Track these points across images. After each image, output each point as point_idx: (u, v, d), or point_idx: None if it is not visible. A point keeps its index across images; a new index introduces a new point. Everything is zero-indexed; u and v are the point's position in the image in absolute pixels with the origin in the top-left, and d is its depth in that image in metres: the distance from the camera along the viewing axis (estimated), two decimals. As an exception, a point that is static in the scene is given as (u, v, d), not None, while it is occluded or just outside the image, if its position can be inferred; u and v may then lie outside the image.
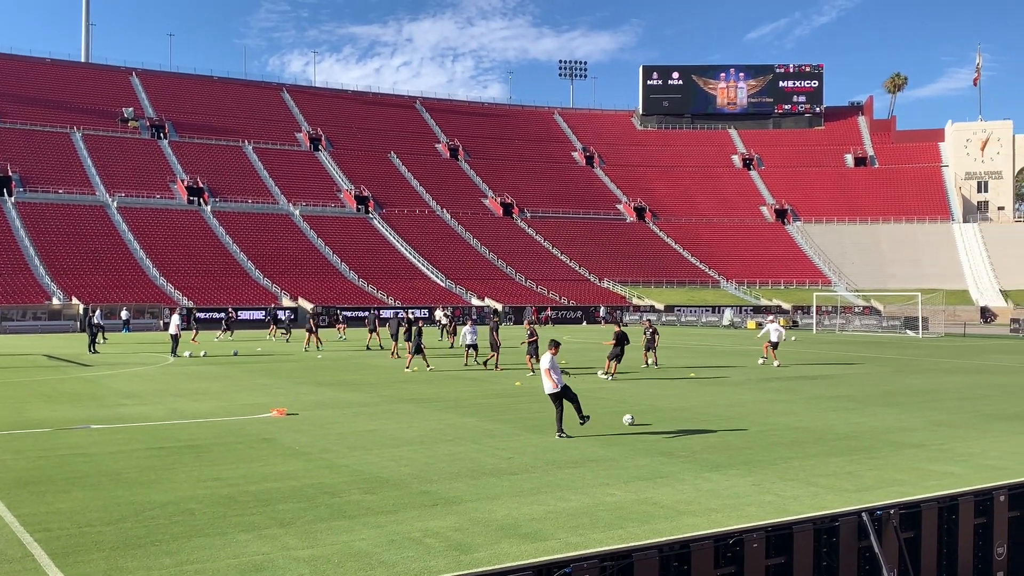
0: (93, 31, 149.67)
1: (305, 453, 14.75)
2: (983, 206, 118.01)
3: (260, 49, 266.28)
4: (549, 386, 16.28)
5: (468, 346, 32.28)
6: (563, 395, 16.23)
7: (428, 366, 30.46)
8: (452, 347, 42.74)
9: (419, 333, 29.83)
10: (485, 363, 31.60)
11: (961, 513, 9.35)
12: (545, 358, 16.53)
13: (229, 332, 52.57)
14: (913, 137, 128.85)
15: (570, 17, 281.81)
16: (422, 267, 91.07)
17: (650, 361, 31.93)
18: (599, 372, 28.80)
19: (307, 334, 43.33)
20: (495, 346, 31.31)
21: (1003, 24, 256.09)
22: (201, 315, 66.69)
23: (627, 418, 18.03)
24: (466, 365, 31.93)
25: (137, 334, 59.20)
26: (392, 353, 36.98)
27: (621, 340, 27.89)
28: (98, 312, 46.76)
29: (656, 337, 32.28)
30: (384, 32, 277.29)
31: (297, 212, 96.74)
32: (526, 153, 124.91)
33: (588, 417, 16.65)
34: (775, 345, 33.10)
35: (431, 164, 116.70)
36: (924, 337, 58.41)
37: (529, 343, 28.93)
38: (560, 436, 16.09)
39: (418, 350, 29.60)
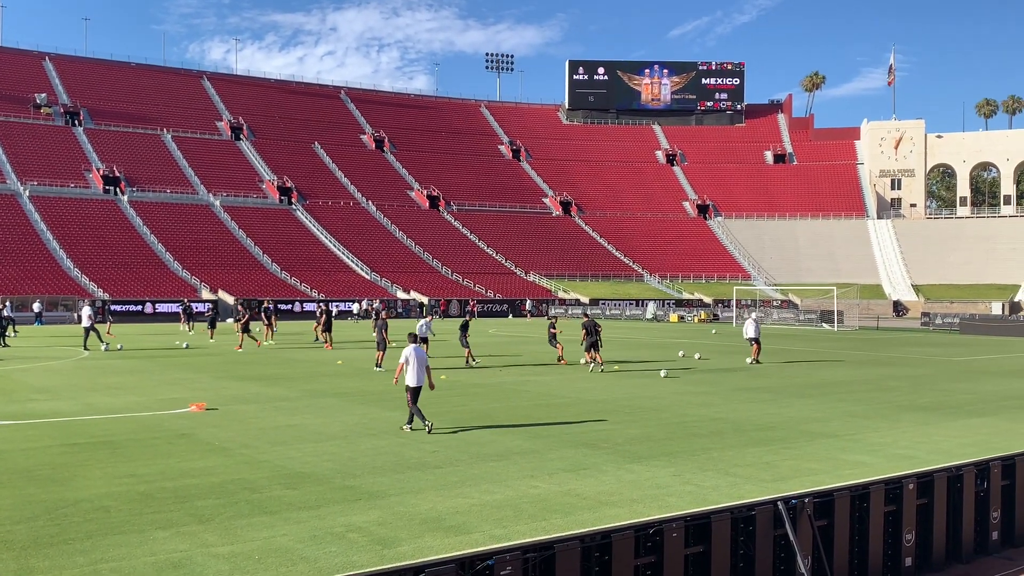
0: (4, 13, 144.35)
1: (225, 448, 14.51)
2: (896, 203, 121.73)
3: (179, 35, 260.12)
4: (411, 380, 16.06)
5: (422, 339, 31.57)
6: (418, 391, 16.16)
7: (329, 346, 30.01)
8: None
9: (384, 327, 28.93)
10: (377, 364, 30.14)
11: (872, 501, 9.66)
12: (405, 352, 16.29)
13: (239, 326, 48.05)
14: (830, 135, 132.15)
15: (496, 10, 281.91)
16: (347, 259, 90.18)
17: (593, 360, 28.57)
18: (582, 361, 29.78)
19: (265, 327, 41.53)
20: (382, 344, 28.77)
21: (916, 25, 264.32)
22: (117, 307, 64.97)
23: (663, 372, 21.66)
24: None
25: (50, 327, 57.43)
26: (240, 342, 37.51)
27: (591, 330, 28.11)
28: (8, 304, 45.21)
29: (599, 333, 28.83)
30: (308, 21, 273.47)
31: (217, 203, 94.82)
32: (453, 146, 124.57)
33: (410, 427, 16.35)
34: (756, 340, 31.75)
35: (356, 155, 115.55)
36: (839, 330, 60.06)
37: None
38: (425, 428, 15.97)
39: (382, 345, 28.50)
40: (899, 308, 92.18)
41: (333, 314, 32.37)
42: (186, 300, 60.59)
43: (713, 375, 27.26)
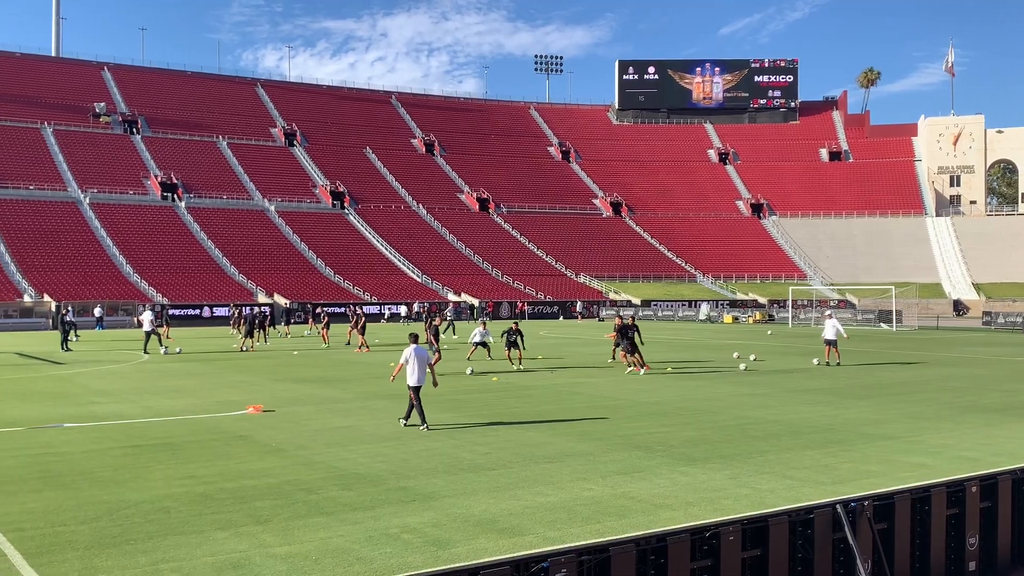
0: (64, 25, 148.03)
1: (282, 450, 14.69)
2: (955, 200, 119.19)
3: (233, 44, 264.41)
4: (411, 379, 16.61)
5: (477, 344, 32.13)
6: (419, 390, 16.69)
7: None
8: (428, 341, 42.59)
9: (436, 332, 29.42)
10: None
11: (934, 504, 9.46)
12: (405, 352, 16.81)
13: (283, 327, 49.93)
14: (886, 132, 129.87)
15: (544, 12, 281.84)
16: (398, 262, 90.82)
17: (630, 363, 28.34)
18: (609, 361, 29.55)
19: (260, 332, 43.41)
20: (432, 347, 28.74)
21: (973, 18, 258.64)
22: (175, 311, 66.18)
23: (742, 366, 20.00)
24: (469, 359, 31.87)
25: (110, 331, 58.68)
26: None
27: (624, 332, 27.91)
28: (70, 309, 46.29)
29: (637, 334, 28.49)
30: (359, 27, 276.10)
31: (272, 208, 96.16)
32: (502, 148, 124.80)
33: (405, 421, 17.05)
34: (834, 343, 30.89)
35: (407, 159, 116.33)
36: (898, 330, 58.97)
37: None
38: (402, 422, 16.88)
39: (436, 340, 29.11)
40: (959, 307, 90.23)
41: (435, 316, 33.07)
42: (232, 304, 61.80)
43: (770, 377, 26.93)
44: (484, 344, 32.19)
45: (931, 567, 9.37)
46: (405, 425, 16.90)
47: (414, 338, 17.31)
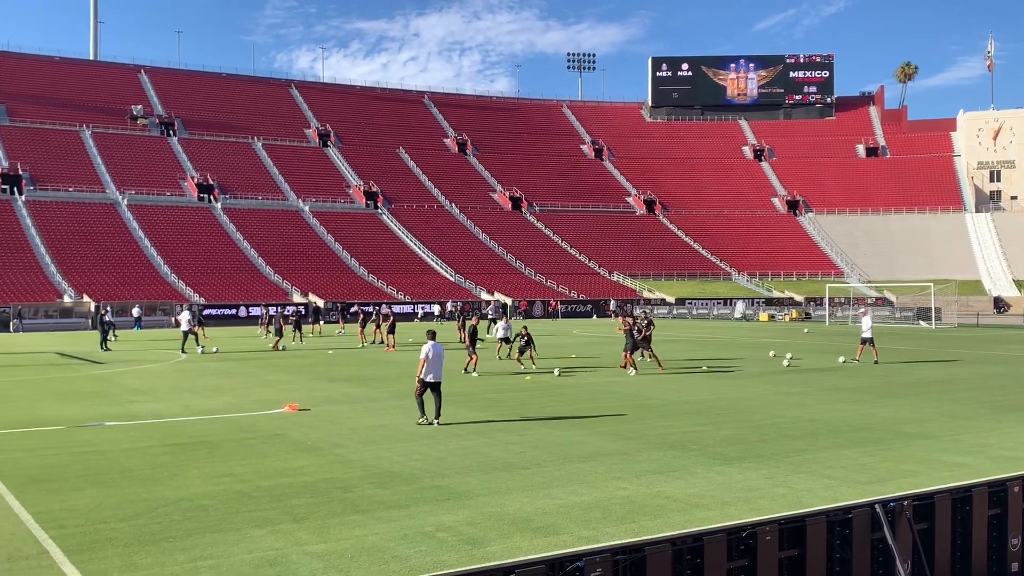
0: (101, 29, 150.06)
1: (317, 448, 14.79)
2: (996, 195, 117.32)
3: (268, 45, 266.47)
4: (427, 375, 17.11)
5: (501, 339, 32.81)
6: (434, 386, 17.14)
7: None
8: (462, 341, 42.74)
9: (474, 331, 28.63)
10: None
11: (975, 504, 9.31)
12: (425, 348, 17.20)
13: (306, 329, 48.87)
14: (925, 127, 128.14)
15: (577, 10, 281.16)
16: (431, 262, 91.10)
17: (647, 356, 29.70)
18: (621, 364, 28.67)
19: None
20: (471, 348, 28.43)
21: (1012, 13, 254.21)
22: (211, 311, 66.85)
23: (785, 362, 20.57)
24: (500, 358, 31.94)
25: (149, 331, 59.42)
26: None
27: (629, 331, 27.93)
28: (109, 310, 46.93)
29: (650, 329, 29.84)
30: (391, 27, 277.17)
31: (307, 208, 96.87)
32: (535, 147, 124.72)
33: (438, 421, 17.14)
34: (871, 340, 30.68)
35: (439, 159, 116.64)
36: (937, 328, 58.17)
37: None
38: (435, 422, 17.02)
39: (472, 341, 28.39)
40: (1000, 304, 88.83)
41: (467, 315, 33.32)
42: (263, 305, 62.44)
43: (806, 375, 26.68)
44: (507, 339, 32.50)
45: (972, 568, 9.22)
46: (429, 422, 17.09)
47: (432, 335, 17.73)
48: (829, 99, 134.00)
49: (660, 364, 28.38)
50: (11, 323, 60.61)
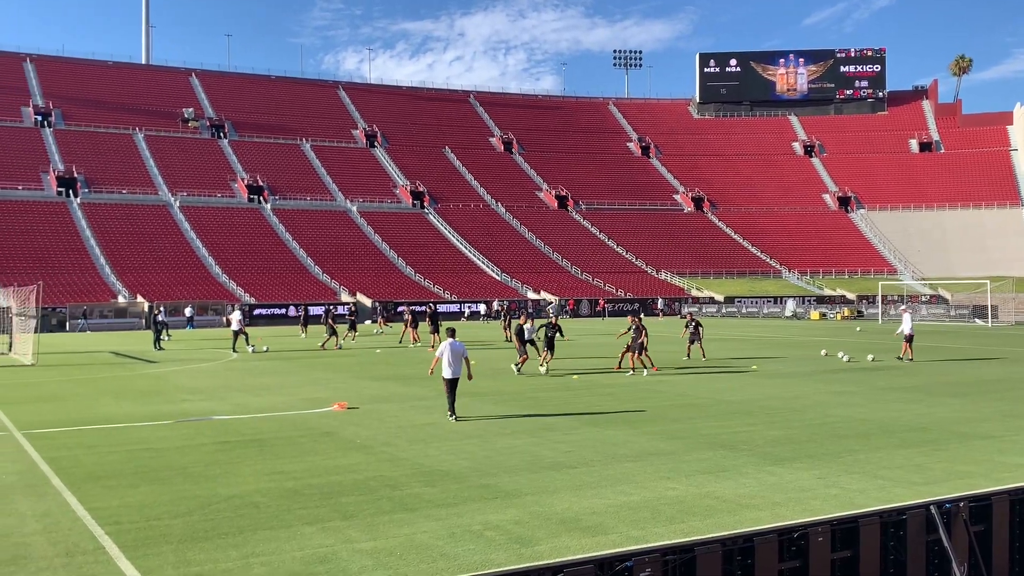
0: (152, 33, 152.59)
1: (366, 446, 14.89)
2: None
3: (315, 47, 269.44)
4: (446, 372, 17.59)
5: (527, 342, 31.43)
6: (451, 382, 17.61)
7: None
8: (508, 340, 42.75)
9: (520, 331, 28.23)
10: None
11: (1035, 506, 9.10)
12: (441, 346, 17.76)
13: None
14: (980, 121, 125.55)
15: (623, 7, 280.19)
16: (477, 261, 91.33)
17: (692, 355, 31.46)
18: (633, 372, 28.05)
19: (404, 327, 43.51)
20: (522, 347, 28.15)
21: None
22: (261, 311, 67.68)
23: (845, 358, 21.53)
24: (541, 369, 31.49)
25: (201, 331, 60.33)
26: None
27: (638, 328, 26.91)
28: (162, 310, 47.71)
29: (700, 330, 31.61)
30: (436, 27, 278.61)
31: (354, 208, 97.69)
32: (581, 145, 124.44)
33: (455, 417, 17.59)
34: (910, 338, 30.67)
35: (485, 158, 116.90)
36: (994, 326, 56.96)
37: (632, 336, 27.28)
38: (452, 418, 17.46)
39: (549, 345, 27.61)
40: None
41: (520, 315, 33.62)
42: (304, 304, 63.09)
43: (858, 374, 26.28)
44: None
45: (1032, 572, 9.01)
46: (455, 419, 17.44)
47: (451, 332, 18.29)
48: (881, 94, 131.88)
49: (653, 365, 27.40)
50: (77, 323, 62.22)
